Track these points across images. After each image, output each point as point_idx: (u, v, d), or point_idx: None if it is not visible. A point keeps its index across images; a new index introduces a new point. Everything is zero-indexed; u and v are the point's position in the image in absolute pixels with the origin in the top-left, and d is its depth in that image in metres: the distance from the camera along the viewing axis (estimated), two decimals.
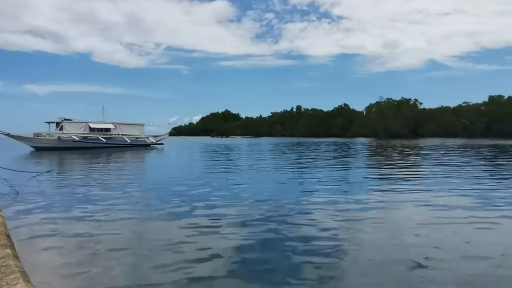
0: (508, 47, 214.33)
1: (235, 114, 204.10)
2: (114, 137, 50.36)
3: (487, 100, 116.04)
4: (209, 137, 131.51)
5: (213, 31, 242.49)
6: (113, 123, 51.62)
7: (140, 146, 51.94)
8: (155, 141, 55.83)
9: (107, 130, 50.51)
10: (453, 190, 12.04)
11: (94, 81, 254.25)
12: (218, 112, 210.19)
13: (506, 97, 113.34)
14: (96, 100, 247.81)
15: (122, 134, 51.34)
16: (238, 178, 15.40)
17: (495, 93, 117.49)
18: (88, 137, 47.56)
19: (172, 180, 14.77)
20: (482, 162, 23.94)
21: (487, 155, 30.04)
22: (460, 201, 10.26)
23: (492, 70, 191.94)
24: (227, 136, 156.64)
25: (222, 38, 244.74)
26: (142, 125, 56.13)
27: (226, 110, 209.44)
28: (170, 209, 9.19)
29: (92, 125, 49.23)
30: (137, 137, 53.10)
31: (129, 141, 51.01)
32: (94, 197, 10.88)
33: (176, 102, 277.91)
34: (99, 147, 47.08)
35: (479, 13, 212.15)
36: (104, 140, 48.34)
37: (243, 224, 7.69)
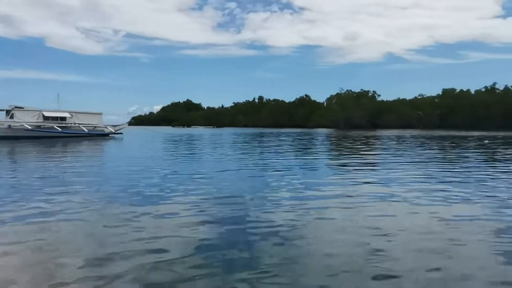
0: (461, 42, 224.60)
1: (197, 104, 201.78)
2: (70, 126, 48.42)
3: (441, 92, 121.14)
4: (170, 127, 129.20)
5: (174, 19, 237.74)
6: (69, 112, 49.57)
7: (98, 135, 50.24)
8: (113, 131, 54.15)
9: (63, 119, 48.46)
10: (408, 178, 12.38)
11: (48, 68, 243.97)
12: (179, 101, 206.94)
13: (458, 90, 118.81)
14: (51, 88, 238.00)
15: (79, 123, 49.43)
16: (200, 169, 15.17)
17: (448, 86, 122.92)
18: (42, 126, 45.43)
19: (131, 172, 14.31)
20: (435, 151, 24.89)
21: (441, 145, 31.29)
22: (413, 188, 10.53)
23: (446, 64, 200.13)
24: (189, 126, 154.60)
25: (183, 26, 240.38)
26: (100, 114, 54.30)
27: (188, 100, 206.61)
28: (127, 202, 8.85)
29: (46, 114, 47.04)
30: (95, 127, 51.32)
31: (86, 130, 49.21)
32: (43, 191, 10.29)
33: (136, 90, 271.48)
34: (54, 136, 45.06)
35: (435, 7, 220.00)
36: (60, 129, 46.34)
37: (204, 215, 7.52)
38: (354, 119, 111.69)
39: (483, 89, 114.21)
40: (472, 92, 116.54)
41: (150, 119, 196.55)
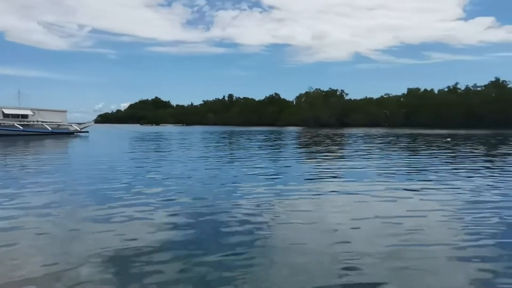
0: (425, 43, 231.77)
1: (166, 102, 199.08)
2: (33, 124, 46.70)
3: (406, 92, 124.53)
4: (138, 125, 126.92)
5: (142, 14, 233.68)
6: (31, 109, 47.81)
7: (62, 134, 48.69)
8: (79, 129, 52.61)
9: (24, 116, 46.69)
10: (374, 173, 12.62)
11: (8, 63, 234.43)
12: (148, 99, 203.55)
13: (422, 89, 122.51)
14: (11, 84, 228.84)
15: (42, 121, 47.74)
16: (168, 168, 14.94)
17: (413, 85, 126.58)
18: (2, 124, 43.58)
19: (97, 171, 13.91)
20: (401, 148, 25.54)
21: (406, 143, 32.17)
22: (380, 183, 10.75)
23: (410, 64, 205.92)
24: (157, 124, 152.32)
25: (151, 22, 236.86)
26: (64, 111, 52.71)
27: (156, 97, 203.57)
28: (91, 203, 8.58)
29: (6, 111, 45.19)
30: (59, 125, 49.70)
31: (49, 128, 47.57)
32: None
33: (103, 88, 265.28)
34: (15, 135, 43.31)
35: (400, 9, 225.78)
36: (21, 128, 44.60)
37: (172, 215, 7.39)
38: (323, 118, 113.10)
39: (446, 89, 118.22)
40: (436, 91, 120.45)
41: (118, 117, 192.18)
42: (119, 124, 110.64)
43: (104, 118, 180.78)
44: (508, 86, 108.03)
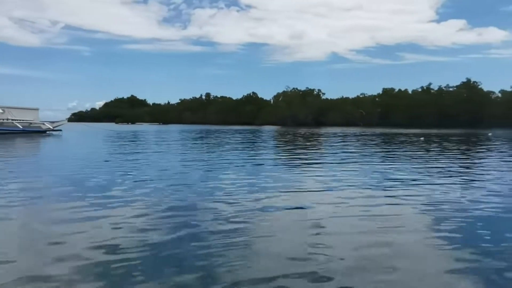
0: (399, 44, 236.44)
1: (142, 100, 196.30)
2: (2, 123, 45.21)
3: (381, 92, 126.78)
4: (113, 124, 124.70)
5: (117, 11, 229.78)
6: (0, 107, 46.28)
7: (34, 132, 47.32)
8: (52, 127, 51.25)
9: None
10: (350, 172, 12.78)
11: None
12: (123, 97, 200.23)
13: (397, 89, 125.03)
14: None
15: (12, 119, 46.28)
16: (143, 167, 14.72)
17: (388, 85, 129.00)
18: None
19: (70, 171, 13.58)
20: (377, 147, 25.96)
21: (380, 142, 32.71)
22: (355, 181, 10.88)
23: (386, 64, 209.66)
24: (133, 123, 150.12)
25: (127, 20, 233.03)
26: (36, 109, 51.18)
27: (132, 95, 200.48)
28: (65, 204, 8.36)
29: None
30: (30, 123, 48.28)
31: (21, 127, 46.16)
32: None
33: (77, 85, 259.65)
34: None
35: (376, 10, 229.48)
36: None
37: (147, 214, 7.27)
38: (300, 117, 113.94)
39: (419, 89, 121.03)
40: (410, 92, 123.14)
41: (92, 115, 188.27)
42: (93, 123, 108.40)
43: (78, 117, 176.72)
44: (479, 86, 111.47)
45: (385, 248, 5.51)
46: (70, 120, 72.97)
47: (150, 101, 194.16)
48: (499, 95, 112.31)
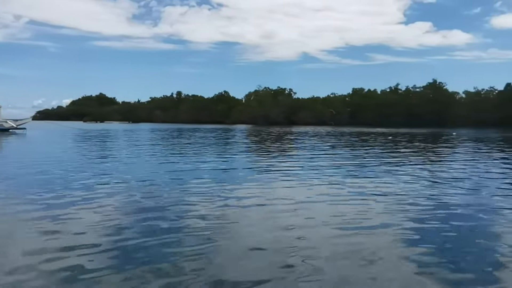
0: (369, 44, 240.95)
1: (111, 98, 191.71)
2: None
3: (351, 92, 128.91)
4: (81, 122, 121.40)
5: (85, 7, 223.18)
6: None
7: None
8: (15, 126, 49.35)
9: None
10: (321, 170, 12.91)
11: None
12: (92, 95, 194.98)
13: (366, 89, 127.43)
14: None
15: None
16: (111, 168, 14.40)
17: (357, 85, 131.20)
18: None
19: (33, 172, 13.11)
20: (348, 146, 26.38)
21: (351, 140, 33.27)
22: (326, 179, 11.01)
23: (355, 65, 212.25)
24: (102, 121, 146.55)
25: (96, 16, 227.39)
26: None
27: (101, 93, 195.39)
28: (28, 206, 8.06)
29: None
30: None
31: None
32: None
33: (42, 82, 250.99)
34: None
35: (346, 11, 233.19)
36: None
37: (117, 215, 7.10)
38: (271, 116, 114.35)
39: (388, 90, 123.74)
40: (378, 92, 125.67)
41: (59, 113, 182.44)
42: (60, 121, 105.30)
43: (44, 115, 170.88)
44: (444, 87, 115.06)
45: (353, 243, 5.59)
46: (35, 118, 70.48)
47: (119, 99, 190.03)
48: (463, 95, 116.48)
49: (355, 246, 5.47)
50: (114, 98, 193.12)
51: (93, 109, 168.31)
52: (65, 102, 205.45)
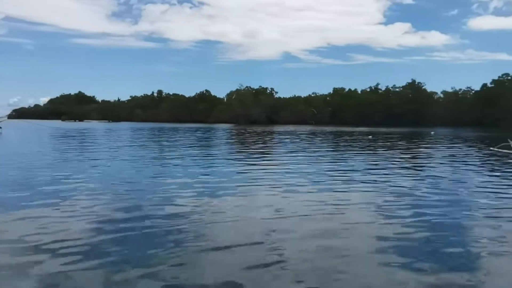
0: (349, 45, 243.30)
1: (90, 97, 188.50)
2: None
3: (332, 91, 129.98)
4: (59, 121, 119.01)
5: (63, 3, 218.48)
6: None
7: None
8: None
9: None
10: (303, 169, 12.94)
11: None
12: (70, 94, 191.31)
13: (347, 89, 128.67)
14: None
15: None
16: (89, 168, 14.12)
17: (338, 85, 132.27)
18: None
19: (8, 172, 12.76)
20: (326, 145, 26.56)
21: (332, 140, 33.53)
22: (308, 179, 11.04)
23: (336, 65, 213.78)
24: (81, 120, 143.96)
25: (74, 13, 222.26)
26: None
27: (80, 92, 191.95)
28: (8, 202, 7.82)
29: None
30: None
31: None
32: None
33: (18, 80, 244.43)
34: None
35: (327, 11, 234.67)
36: None
37: (94, 220, 6.95)
38: (253, 115, 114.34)
39: (368, 89, 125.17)
40: (359, 91, 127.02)
41: (36, 112, 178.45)
42: (37, 120, 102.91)
43: (20, 113, 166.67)
44: (423, 87, 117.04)
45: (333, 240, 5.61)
46: (10, 117, 68.62)
47: (99, 98, 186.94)
48: (441, 95, 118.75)
49: (333, 244, 5.48)
50: (94, 96, 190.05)
51: (71, 107, 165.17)
52: (43, 100, 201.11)
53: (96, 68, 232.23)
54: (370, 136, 40.40)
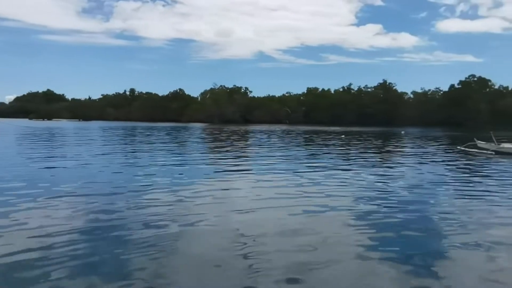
0: (322, 45, 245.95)
1: (59, 95, 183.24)
2: None
3: (305, 91, 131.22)
4: (27, 120, 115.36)
5: None
6: None
7: None
8: None
9: None
10: (277, 169, 13.00)
11: None
12: (38, 91, 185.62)
13: (320, 89, 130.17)
14: None
15: None
16: (57, 168, 13.76)
17: (312, 85, 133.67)
18: None
19: None
20: (304, 144, 26.77)
21: (306, 139, 33.83)
22: (284, 175, 11.09)
23: (310, 65, 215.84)
24: (49, 119, 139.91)
25: (42, 8, 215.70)
26: None
27: (49, 90, 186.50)
28: None
29: None
30: None
31: None
32: None
33: None
34: None
35: (300, 11, 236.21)
36: None
37: (68, 218, 6.76)
38: (227, 114, 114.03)
39: (341, 89, 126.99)
40: (332, 91, 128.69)
41: (1, 110, 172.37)
42: (2, 119, 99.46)
43: None
44: (394, 88, 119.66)
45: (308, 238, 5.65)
46: None
47: (68, 96, 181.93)
48: (411, 96, 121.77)
49: (305, 238, 5.52)
50: (63, 95, 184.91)
51: (39, 106, 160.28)
52: (8, 98, 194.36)
53: (66, 65, 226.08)
54: (343, 136, 40.97)
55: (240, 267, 4.61)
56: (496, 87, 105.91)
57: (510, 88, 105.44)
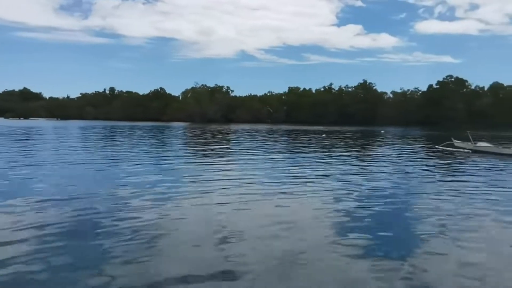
0: (304, 45, 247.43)
1: (36, 94, 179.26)
2: None
3: (287, 90, 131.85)
4: (2, 119, 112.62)
5: None
6: None
7: None
8: None
9: None
10: (258, 165, 13.06)
11: None
12: (14, 90, 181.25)
13: (302, 88, 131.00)
14: None
15: None
16: (35, 168, 13.50)
17: (293, 84, 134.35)
18: None
19: None
20: (285, 142, 26.91)
21: (288, 137, 34.02)
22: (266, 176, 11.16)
23: (291, 64, 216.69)
24: (26, 118, 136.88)
25: (18, 4, 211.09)
26: None
27: (25, 88, 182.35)
28: None
29: None
30: None
31: None
32: None
33: None
34: None
35: (282, 11, 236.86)
36: None
37: (44, 223, 6.66)
38: (209, 113, 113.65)
39: (322, 89, 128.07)
40: (313, 91, 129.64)
41: None
42: None
43: None
44: (374, 88, 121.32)
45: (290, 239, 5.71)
46: None
47: (46, 95, 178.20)
48: (391, 96, 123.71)
49: (286, 237, 5.58)
50: (40, 93, 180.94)
51: (16, 104, 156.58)
52: None
53: (43, 63, 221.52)
54: (323, 135, 41.36)
55: (220, 255, 4.70)
56: (473, 87, 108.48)
57: (486, 89, 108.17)
